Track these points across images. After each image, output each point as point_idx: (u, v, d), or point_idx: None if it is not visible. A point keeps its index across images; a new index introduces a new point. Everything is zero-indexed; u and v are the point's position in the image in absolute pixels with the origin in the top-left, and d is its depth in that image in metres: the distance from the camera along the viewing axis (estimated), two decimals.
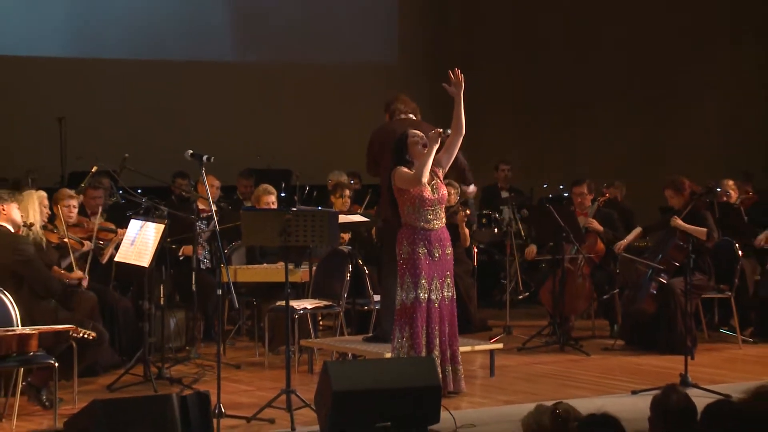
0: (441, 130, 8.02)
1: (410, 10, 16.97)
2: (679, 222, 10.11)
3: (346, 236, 10.58)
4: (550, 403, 4.81)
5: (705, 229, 10.04)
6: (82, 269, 9.20)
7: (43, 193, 9.20)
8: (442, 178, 8.23)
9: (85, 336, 7.84)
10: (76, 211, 9.76)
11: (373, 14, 16.53)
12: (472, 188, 9.79)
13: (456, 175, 9.45)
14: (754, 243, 10.99)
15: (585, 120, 16.46)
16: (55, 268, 8.94)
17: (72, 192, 10.01)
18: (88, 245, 9.41)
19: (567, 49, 16.40)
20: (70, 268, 9.09)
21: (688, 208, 10.20)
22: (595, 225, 10.96)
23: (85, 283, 9.16)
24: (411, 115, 8.95)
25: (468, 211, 11.60)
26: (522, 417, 4.86)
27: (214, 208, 8.53)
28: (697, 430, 4.73)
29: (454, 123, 8.15)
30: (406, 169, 8.04)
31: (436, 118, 8.91)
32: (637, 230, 10.90)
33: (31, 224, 8.62)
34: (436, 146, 7.97)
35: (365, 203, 11.97)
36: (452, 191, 10.89)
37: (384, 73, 15.95)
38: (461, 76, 8.12)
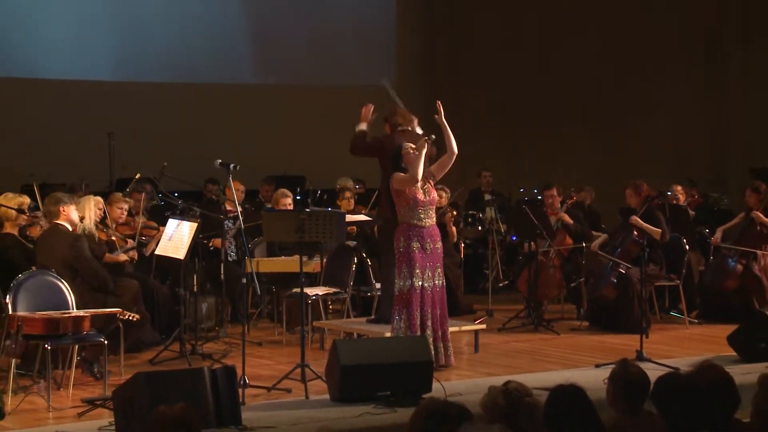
0: (427, 137, 8.04)
1: (406, 39, 16.93)
2: (638, 220, 10.12)
3: (354, 228, 10.59)
4: (500, 384, 4.71)
5: (659, 231, 10.06)
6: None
7: (100, 198, 9.22)
8: (433, 185, 8.25)
9: (130, 318, 7.87)
10: (126, 213, 9.81)
11: (374, 43, 16.51)
12: None
13: None
14: (711, 241, 11.00)
15: (555, 133, 16.43)
16: (108, 255, 8.96)
17: (122, 196, 10.07)
18: (131, 243, 9.42)
19: (540, 72, 16.39)
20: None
21: (644, 208, 10.22)
22: (567, 218, 11.03)
23: (134, 255, 9.23)
24: (408, 127, 8.88)
25: (455, 212, 11.62)
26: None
27: (239, 209, 8.54)
28: (649, 398, 4.75)
29: (447, 145, 8.14)
30: (402, 174, 8.07)
31: (427, 130, 8.90)
32: (605, 236, 10.92)
33: (82, 218, 8.62)
34: (425, 151, 7.98)
35: (369, 205, 11.97)
36: (443, 195, 10.92)
37: (383, 92, 15.91)
38: (441, 107, 8.11)
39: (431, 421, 4.08)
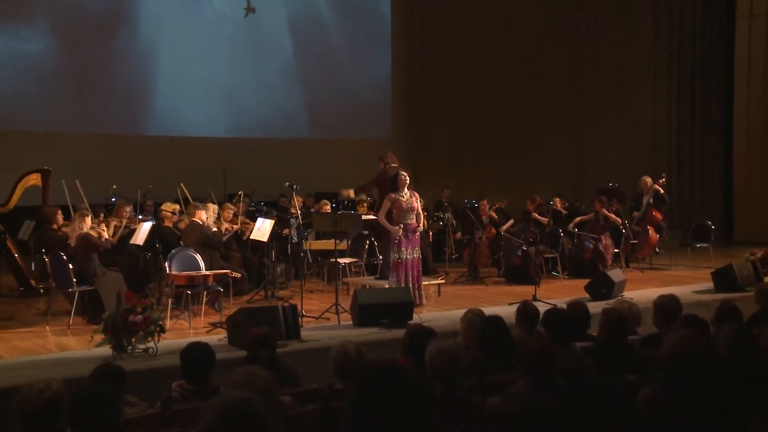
0: (400, 234, 7.94)
1: (398, 103, 16.94)
2: (535, 216, 10.19)
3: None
4: (475, 310, 4.83)
5: (546, 220, 10.14)
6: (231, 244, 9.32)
7: (216, 206, 9.30)
8: (415, 200, 8.22)
9: (236, 276, 7.92)
10: (232, 214, 9.83)
11: (378, 108, 16.46)
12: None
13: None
14: (568, 227, 11.04)
15: (486, 163, 16.37)
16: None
17: (230, 204, 10.10)
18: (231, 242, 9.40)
19: (476, 124, 16.29)
20: (228, 241, 9.20)
21: (537, 211, 10.28)
22: (494, 215, 11.10)
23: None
24: (393, 164, 8.95)
25: (425, 214, 11.62)
26: (457, 317, 4.86)
27: (299, 212, 8.60)
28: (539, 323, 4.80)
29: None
30: (388, 203, 8.02)
31: (409, 166, 8.92)
32: (512, 221, 10.97)
33: (207, 216, 8.68)
34: (392, 234, 7.93)
35: (374, 209, 11.95)
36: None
37: (383, 143, 15.86)
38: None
39: (415, 337, 4.15)
